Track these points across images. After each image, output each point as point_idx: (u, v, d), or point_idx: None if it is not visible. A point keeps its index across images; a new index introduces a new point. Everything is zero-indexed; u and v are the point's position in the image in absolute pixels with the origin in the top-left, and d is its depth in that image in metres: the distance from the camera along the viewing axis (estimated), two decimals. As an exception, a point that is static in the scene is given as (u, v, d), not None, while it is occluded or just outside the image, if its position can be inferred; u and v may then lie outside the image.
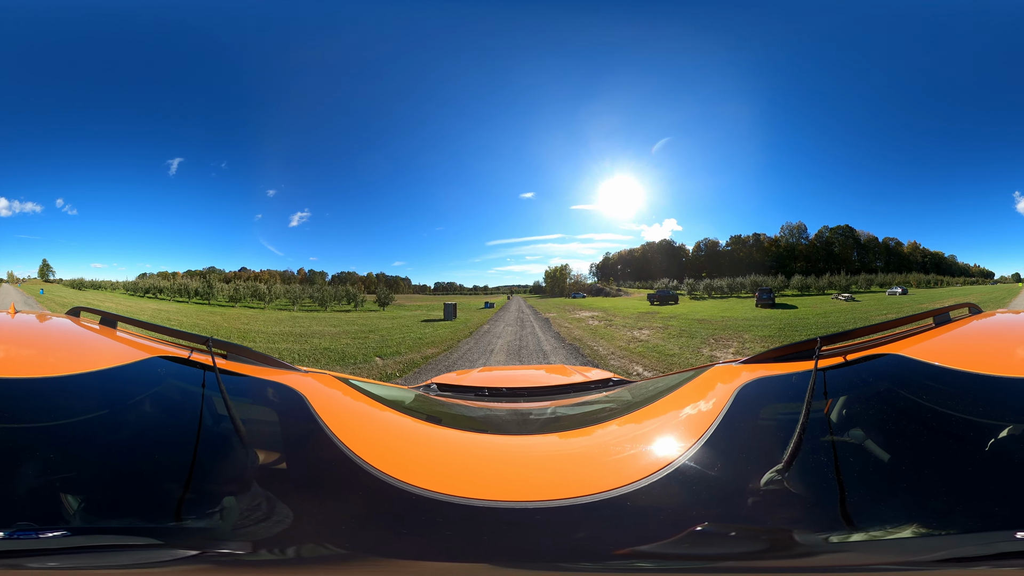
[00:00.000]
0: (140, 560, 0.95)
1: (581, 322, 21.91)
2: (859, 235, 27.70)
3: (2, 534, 0.93)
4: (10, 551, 0.92)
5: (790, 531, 0.99)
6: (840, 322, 18.41)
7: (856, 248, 27.68)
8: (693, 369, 1.86)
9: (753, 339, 16.63)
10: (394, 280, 29.44)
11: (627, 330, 18.95)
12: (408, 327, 20.57)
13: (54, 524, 0.97)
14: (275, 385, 1.56)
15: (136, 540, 0.97)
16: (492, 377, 2.86)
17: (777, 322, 19.25)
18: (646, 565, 0.98)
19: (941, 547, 0.94)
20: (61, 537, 0.95)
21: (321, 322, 21.59)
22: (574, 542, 1.02)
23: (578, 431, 1.55)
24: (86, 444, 1.17)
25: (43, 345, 1.63)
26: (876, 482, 1.08)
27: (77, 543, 0.95)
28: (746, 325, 18.95)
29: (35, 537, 0.94)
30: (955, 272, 27.03)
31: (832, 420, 1.27)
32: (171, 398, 1.44)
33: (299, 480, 1.18)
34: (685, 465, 1.13)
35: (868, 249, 27.53)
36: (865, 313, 20.81)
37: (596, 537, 1.03)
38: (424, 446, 1.42)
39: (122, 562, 0.94)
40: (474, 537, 1.02)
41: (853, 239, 27.64)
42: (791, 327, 18.02)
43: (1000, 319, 1.84)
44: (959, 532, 0.95)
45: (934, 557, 0.92)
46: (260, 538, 1.00)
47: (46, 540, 0.94)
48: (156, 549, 0.96)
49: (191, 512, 1.06)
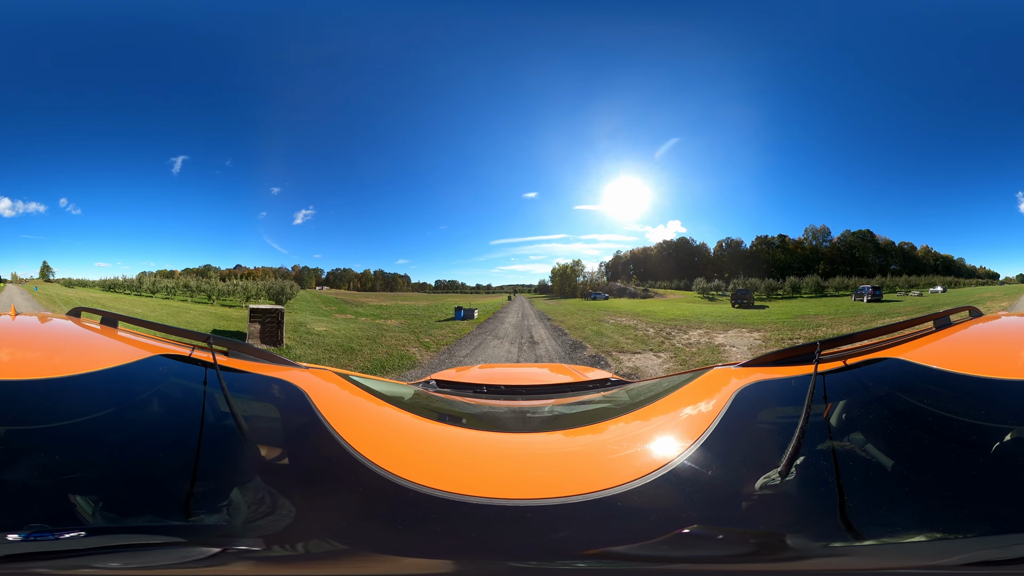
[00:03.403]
0: (166, 560, 0.96)
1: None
2: (878, 239, 28.10)
3: (18, 536, 0.93)
4: (27, 553, 0.92)
5: (784, 535, 1.01)
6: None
7: (875, 252, 28.04)
8: (692, 371, 1.89)
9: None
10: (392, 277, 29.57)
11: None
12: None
13: (69, 525, 0.98)
14: (276, 381, 1.60)
15: (159, 539, 0.99)
16: (491, 374, 2.89)
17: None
18: (630, 565, 1.00)
19: (956, 551, 0.95)
20: (79, 538, 0.96)
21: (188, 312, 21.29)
22: (563, 540, 1.05)
23: (576, 430, 1.58)
24: (94, 444, 1.20)
25: (47, 347, 1.67)
26: (878, 486, 1.10)
27: (97, 543, 0.96)
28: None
29: (52, 538, 0.94)
30: (963, 274, 27.60)
31: (832, 424, 1.29)
32: (174, 396, 1.48)
33: (301, 476, 1.22)
34: (680, 467, 1.15)
35: (886, 253, 27.90)
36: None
37: (584, 536, 1.05)
38: (423, 443, 1.45)
39: (146, 562, 0.96)
40: (468, 533, 1.05)
41: (872, 243, 28.01)
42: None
43: (1002, 322, 1.85)
44: (970, 536, 0.97)
45: (952, 562, 0.94)
46: (269, 534, 1.03)
47: (65, 542, 0.94)
48: (180, 548, 0.98)
49: (200, 509, 1.09)
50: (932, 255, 27.55)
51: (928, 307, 20.15)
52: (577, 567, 1.01)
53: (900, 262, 27.53)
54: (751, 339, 17.00)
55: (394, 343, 17.45)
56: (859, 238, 28.15)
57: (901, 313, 19.40)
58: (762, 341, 16.29)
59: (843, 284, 26.08)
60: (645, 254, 31.23)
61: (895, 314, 16.59)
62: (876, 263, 27.65)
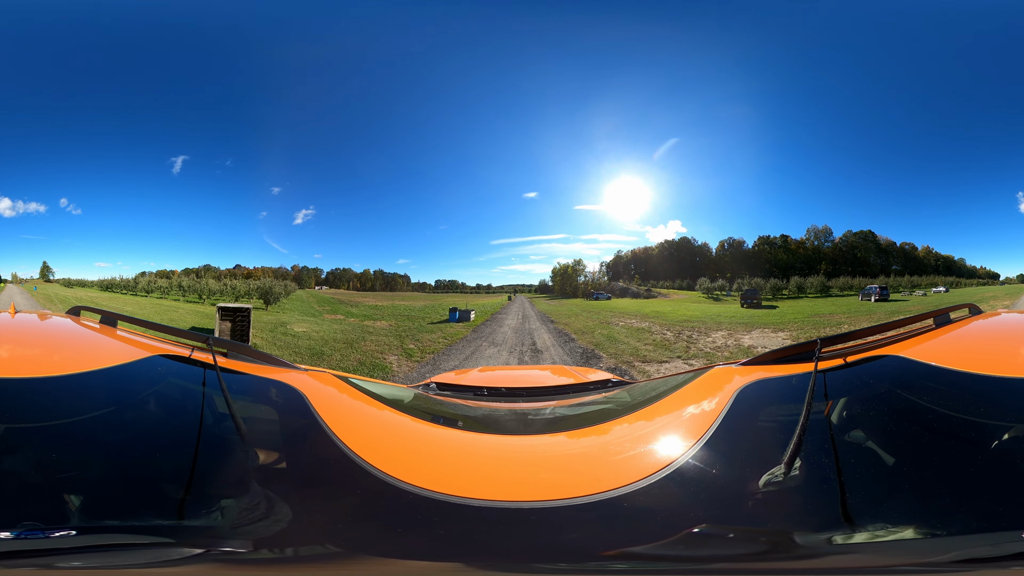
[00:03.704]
0: (148, 559, 0.97)
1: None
2: (879, 240, 28.28)
3: (10, 534, 0.94)
4: (18, 551, 0.93)
5: (790, 532, 1.02)
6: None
7: (876, 252, 28.22)
8: (692, 371, 1.89)
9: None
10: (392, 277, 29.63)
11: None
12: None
13: (60, 524, 0.99)
14: (275, 383, 1.60)
15: (146, 539, 1.00)
16: (491, 377, 2.90)
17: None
18: (643, 565, 1.01)
19: (950, 548, 0.96)
20: (69, 536, 0.97)
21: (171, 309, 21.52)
22: (569, 542, 1.05)
23: (577, 431, 1.58)
24: (92, 443, 1.21)
25: (47, 345, 1.68)
26: (879, 483, 1.11)
27: (86, 542, 0.97)
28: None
29: (43, 537, 0.95)
30: (964, 274, 27.94)
31: (832, 421, 1.30)
32: (172, 396, 1.49)
33: (299, 479, 1.22)
34: (684, 466, 1.16)
35: (888, 253, 28.06)
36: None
37: (592, 538, 1.05)
38: (422, 445, 1.45)
39: (131, 561, 0.97)
40: (469, 536, 1.05)
41: (874, 243, 28.17)
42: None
43: (1002, 319, 1.86)
44: (967, 533, 0.98)
45: (944, 559, 0.95)
46: (260, 536, 1.03)
47: (54, 540, 0.95)
48: (165, 548, 0.99)
49: (193, 510, 1.09)
50: (933, 255, 27.85)
51: (935, 306, 20.04)
52: (592, 567, 1.02)
53: (901, 262, 27.76)
54: (779, 339, 16.85)
55: (373, 349, 16.34)
56: (861, 238, 28.31)
57: (911, 312, 19.19)
58: (792, 340, 16.09)
59: (847, 284, 26.30)
60: (646, 254, 31.24)
61: (906, 312, 16.68)
62: (878, 263, 27.84)
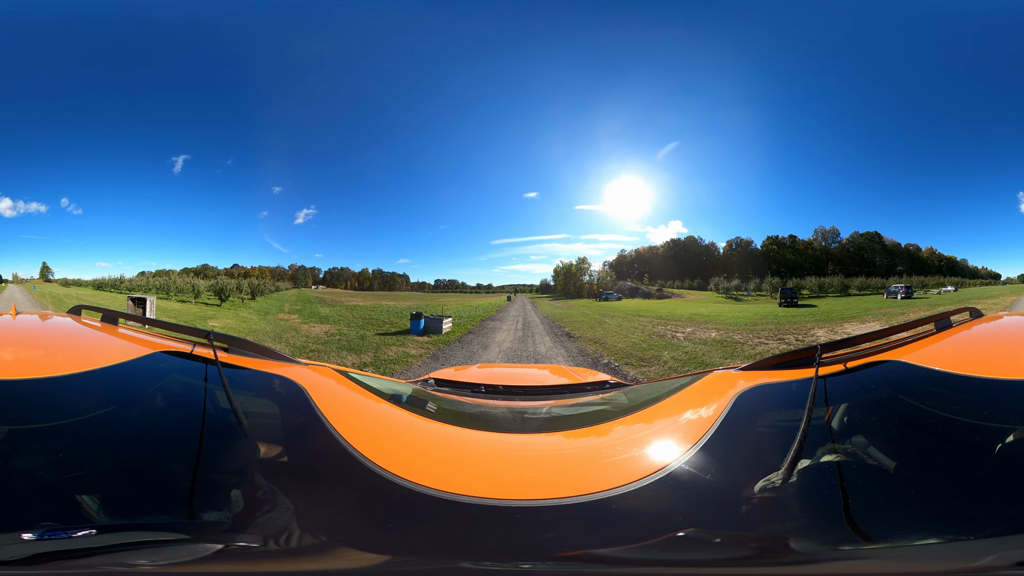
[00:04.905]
0: (169, 558, 0.98)
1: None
2: (885, 240, 28.43)
3: (32, 536, 0.94)
4: (41, 553, 0.93)
5: (785, 538, 1.01)
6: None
7: (882, 253, 28.35)
8: (691, 375, 1.90)
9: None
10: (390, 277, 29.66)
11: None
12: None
13: (78, 523, 0.99)
14: (276, 378, 1.62)
15: (167, 536, 1.00)
16: (490, 374, 2.92)
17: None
18: (617, 568, 1.01)
19: (966, 554, 0.94)
20: (91, 536, 0.97)
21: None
22: (547, 541, 1.05)
23: (573, 432, 1.60)
24: (97, 441, 1.22)
25: (50, 345, 1.70)
26: (883, 488, 1.10)
27: (108, 541, 0.97)
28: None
29: (66, 537, 0.95)
30: (966, 274, 28.22)
31: (833, 427, 1.30)
32: (175, 392, 1.50)
33: (298, 473, 1.24)
34: (678, 470, 1.16)
35: (893, 254, 28.18)
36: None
37: (572, 537, 1.06)
38: (419, 441, 1.47)
39: (153, 559, 0.97)
40: (456, 533, 1.06)
41: (880, 244, 28.28)
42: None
43: (1003, 322, 1.86)
44: (980, 538, 0.96)
45: (960, 567, 0.94)
46: (266, 530, 1.05)
47: (77, 540, 0.95)
48: (185, 544, 1.00)
49: (202, 506, 1.10)
50: (936, 256, 28.05)
51: (960, 301, 19.78)
52: (556, 569, 1.01)
53: (906, 263, 27.95)
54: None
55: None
56: (867, 239, 28.41)
57: (936, 309, 18.89)
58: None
59: (865, 284, 26.47)
60: (651, 253, 31.23)
61: (934, 308, 16.53)
62: (883, 264, 27.99)
